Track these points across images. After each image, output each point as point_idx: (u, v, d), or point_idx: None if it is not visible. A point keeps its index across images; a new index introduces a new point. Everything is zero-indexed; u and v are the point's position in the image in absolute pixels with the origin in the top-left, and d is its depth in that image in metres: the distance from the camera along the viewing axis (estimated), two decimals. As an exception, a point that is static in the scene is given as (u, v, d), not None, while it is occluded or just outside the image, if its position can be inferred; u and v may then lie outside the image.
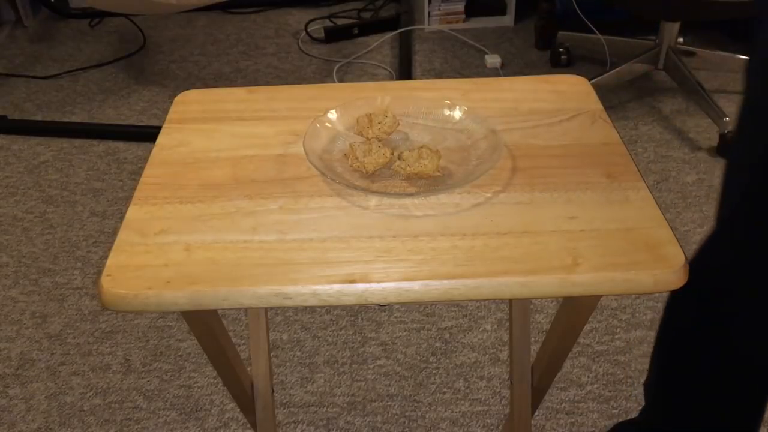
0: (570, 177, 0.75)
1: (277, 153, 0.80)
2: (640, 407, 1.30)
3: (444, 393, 1.34)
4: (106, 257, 0.65)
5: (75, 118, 2.22)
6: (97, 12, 2.76)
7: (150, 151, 0.80)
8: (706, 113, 2.06)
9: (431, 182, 0.75)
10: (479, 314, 1.50)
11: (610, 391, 1.33)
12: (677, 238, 0.67)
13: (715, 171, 1.88)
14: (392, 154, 0.77)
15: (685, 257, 0.64)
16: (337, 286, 0.63)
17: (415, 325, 1.48)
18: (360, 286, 0.63)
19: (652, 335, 1.43)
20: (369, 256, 0.65)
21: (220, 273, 0.64)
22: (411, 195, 0.73)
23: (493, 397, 1.33)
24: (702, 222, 1.71)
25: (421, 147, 0.76)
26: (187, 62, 2.52)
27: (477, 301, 1.52)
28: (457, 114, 0.83)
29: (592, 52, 2.42)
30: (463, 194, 0.73)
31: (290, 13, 2.84)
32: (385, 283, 0.63)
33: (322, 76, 2.40)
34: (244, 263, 0.65)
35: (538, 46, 2.52)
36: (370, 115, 0.81)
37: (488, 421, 1.29)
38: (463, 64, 2.44)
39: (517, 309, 0.96)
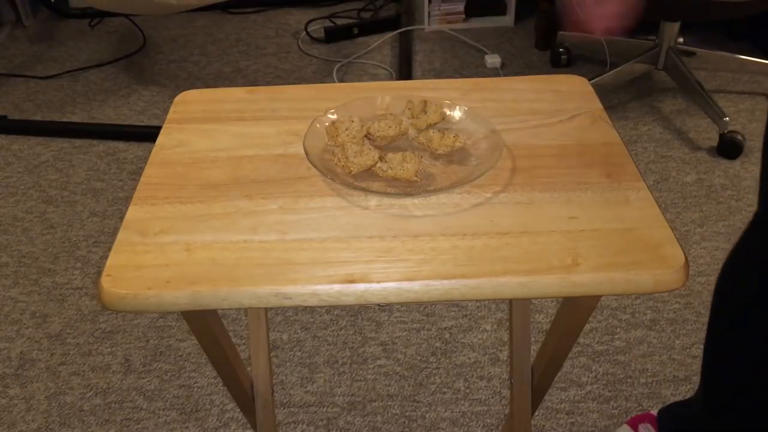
0: (570, 177, 0.75)
1: (277, 153, 0.80)
2: (640, 407, 1.30)
3: (444, 393, 1.34)
4: (106, 257, 0.65)
5: (75, 118, 2.22)
6: (97, 12, 2.76)
7: (150, 151, 0.80)
8: (705, 113, 2.06)
9: (431, 182, 0.75)
10: (479, 314, 1.50)
11: (610, 391, 1.33)
12: (677, 238, 0.67)
13: (715, 171, 1.88)
14: (380, 157, 0.76)
15: (685, 257, 0.64)
16: (337, 286, 0.63)
17: (415, 325, 1.48)
18: (360, 286, 0.63)
19: (652, 335, 1.43)
20: (369, 256, 0.65)
21: (220, 273, 0.64)
22: (411, 195, 0.73)
23: (493, 397, 1.33)
24: (702, 222, 1.71)
25: (406, 150, 0.76)
26: (187, 62, 2.52)
27: (477, 301, 1.52)
28: (457, 114, 0.83)
29: (592, 52, 2.42)
30: (463, 194, 0.73)
31: (290, 13, 2.84)
32: (385, 283, 0.63)
33: (322, 76, 2.40)
34: (244, 263, 0.65)
35: (538, 46, 2.52)
36: (335, 122, 0.80)
37: (488, 421, 1.29)
38: (463, 64, 2.44)
39: (517, 309, 0.96)
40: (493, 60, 2.41)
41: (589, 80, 0.92)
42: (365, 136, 0.79)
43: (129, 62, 2.53)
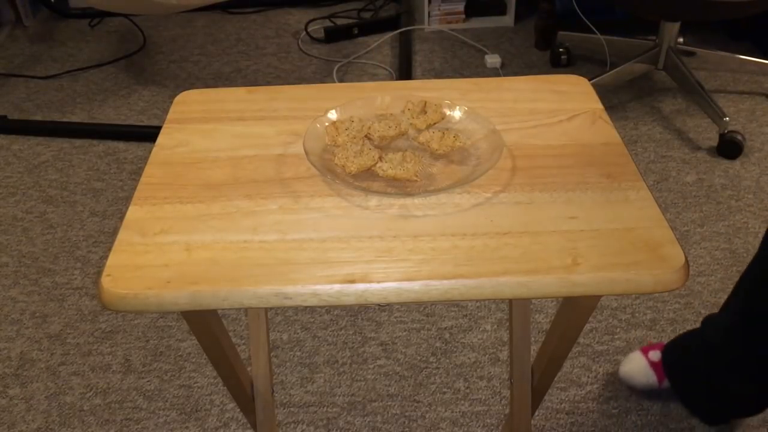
0: (570, 177, 0.75)
1: (277, 153, 0.80)
2: (641, 407, 1.30)
3: (444, 393, 1.34)
4: (106, 257, 0.65)
5: (75, 118, 2.22)
6: (97, 12, 2.76)
7: (150, 151, 0.80)
8: (705, 113, 2.06)
9: (431, 182, 0.75)
10: (479, 314, 1.50)
11: (610, 391, 1.33)
12: (677, 238, 0.67)
13: (715, 171, 1.88)
14: (380, 157, 0.76)
15: (685, 257, 0.64)
16: (337, 286, 0.63)
17: (415, 325, 1.48)
18: (360, 286, 0.63)
19: (652, 335, 1.43)
20: (369, 256, 0.65)
21: (220, 273, 0.64)
22: (411, 195, 0.73)
23: (493, 397, 1.33)
24: (702, 222, 1.71)
25: (406, 150, 0.76)
26: (187, 62, 2.52)
27: (477, 301, 1.52)
28: (457, 114, 0.83)
29: (592, 52, 2.42)
30: (463, 194, 0.73)
31: (290, 13, 2.84)
32: (385, 283, 0.63)
33: (322, 76, 2.40)
34: (244, 263, 0.65)
35: (538, 46, 2.52)
36: (335, 122, 0.81)
37: (488, 421, 1.29)
38: (463, 64, 2.44)
39: (517, 309, 0.96)
40: (493, 60, 2.41)
41: (589, 80, 0.92)
42: (365, 136, 0.79)
43: (129, 62, 2.53)
